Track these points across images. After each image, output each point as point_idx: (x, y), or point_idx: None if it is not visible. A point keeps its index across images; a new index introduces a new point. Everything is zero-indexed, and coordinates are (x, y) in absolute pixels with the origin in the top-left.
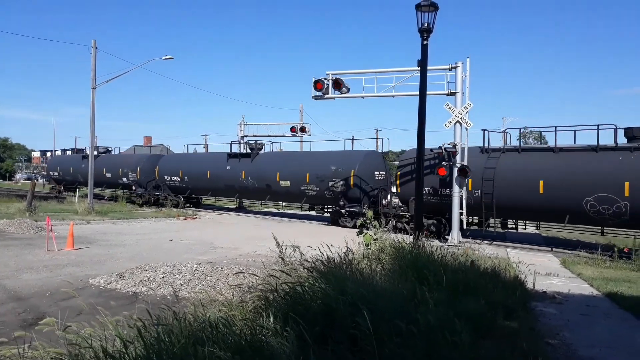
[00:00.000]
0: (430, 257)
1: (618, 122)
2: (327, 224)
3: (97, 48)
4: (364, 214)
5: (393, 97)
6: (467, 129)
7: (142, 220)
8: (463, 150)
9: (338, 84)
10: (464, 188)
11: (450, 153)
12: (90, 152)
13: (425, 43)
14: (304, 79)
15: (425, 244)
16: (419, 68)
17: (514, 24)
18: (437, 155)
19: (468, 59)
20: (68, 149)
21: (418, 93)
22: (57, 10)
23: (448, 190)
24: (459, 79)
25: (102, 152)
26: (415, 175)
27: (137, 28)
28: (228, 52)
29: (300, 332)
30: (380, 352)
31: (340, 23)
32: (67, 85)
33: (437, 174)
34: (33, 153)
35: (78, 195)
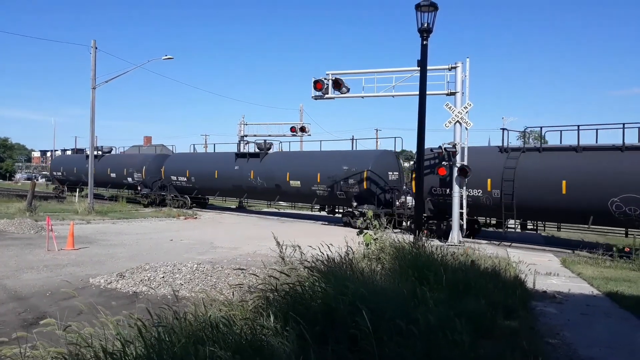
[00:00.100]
0: (431, 256)
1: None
2: (340, 225)
3: (96, 48)
4: (378, 215)
5: (393, 97)
6: (467, 129)
7: (142, 220)
8: (463, 150)
9: (338, 84)
10: (464, 188)
11: (450, 153)
12: (90, 151)
13: (425, 43)
14: (304, 79)
15: (426, 244)
16: (419, 68)
17: (514, 24)
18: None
19: (468, 59)
20: (68, 149)
21: (418, 93)
22: (57, 10)
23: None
24: (459, 79)
25: (106, 151)
26: (416, 175)
27: (137, 28)
28: (228, 52)
29: (301, 331)
30: (380, 351)
31: (340, 23)
32: (67, 85)
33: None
34: (33, 153)
35: (78, 195)
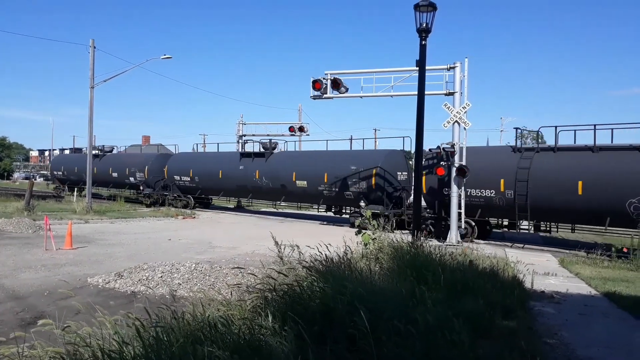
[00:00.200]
0: (429, 256)
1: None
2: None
3: (95, 47)
4: (387, 216)
5: (391, 97)
6: (465, 129)
7: (140, 220)
8: (461, 150)
9: (336, 84)
10: (462, 188)
11: (449, 153)
12: (88, 151)
13: (424, 43)
14: (303, 79)
15: (424, 244)
16: (418, 68)
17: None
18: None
19: (466, 59)
20: (66, 149)
21: (416, 93)
22: (56, 10)
23: (475, 191)
24: (458, 79)
25: (107, 151)
26: (415, 175)
27: (136, 28)
28: (226, 51)
29: (299, 331)
30: (379, 351)
31: (340, 23)
32: (65, 85)
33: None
34: (31, 152)
35: (76, 195)
